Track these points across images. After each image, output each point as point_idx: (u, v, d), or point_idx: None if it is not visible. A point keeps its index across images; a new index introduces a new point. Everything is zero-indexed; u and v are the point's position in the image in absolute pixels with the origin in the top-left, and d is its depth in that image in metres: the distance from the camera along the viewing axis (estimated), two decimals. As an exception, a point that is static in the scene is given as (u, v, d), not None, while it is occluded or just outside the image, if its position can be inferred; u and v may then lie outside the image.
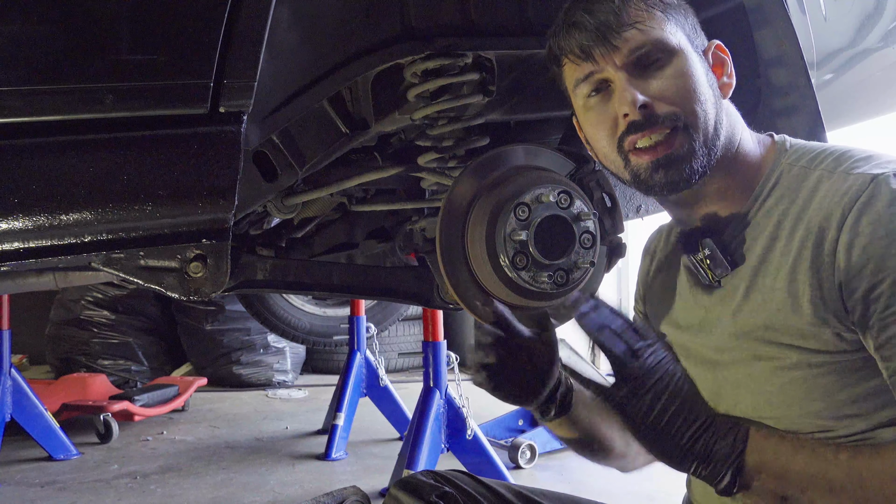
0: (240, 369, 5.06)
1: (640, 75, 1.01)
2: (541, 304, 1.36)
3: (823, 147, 1.05)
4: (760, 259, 1.02)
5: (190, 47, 0.99)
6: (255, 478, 3.10)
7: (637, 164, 1.03)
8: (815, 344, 0.96)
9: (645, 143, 1.01)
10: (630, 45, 1.01)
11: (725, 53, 1.09)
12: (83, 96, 0.95)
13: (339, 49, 1.31)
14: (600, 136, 1.06)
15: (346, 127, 1.52)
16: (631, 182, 1.06)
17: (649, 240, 1.31)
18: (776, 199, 1.03)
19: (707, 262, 1.06)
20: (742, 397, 1.04)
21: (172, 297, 1.06)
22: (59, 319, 5.00)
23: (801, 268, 0.97)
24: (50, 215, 0.94)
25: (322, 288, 1.74)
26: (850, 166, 0.97)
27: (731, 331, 1.05)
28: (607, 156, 1.07)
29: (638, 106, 0.99)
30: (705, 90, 1.02)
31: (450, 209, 1.33)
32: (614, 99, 1.02)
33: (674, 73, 1.01)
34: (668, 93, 1.00)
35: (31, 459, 3.35)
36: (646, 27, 1.01)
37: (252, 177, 1.37)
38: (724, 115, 1.05)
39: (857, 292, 0.91)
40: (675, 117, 1.00)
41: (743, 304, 1.03)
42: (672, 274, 1.20)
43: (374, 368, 3.62)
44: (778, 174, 1.04)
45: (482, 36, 1.39)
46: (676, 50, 1.02)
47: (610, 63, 1.02)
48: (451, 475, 1.26)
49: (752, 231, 1.04)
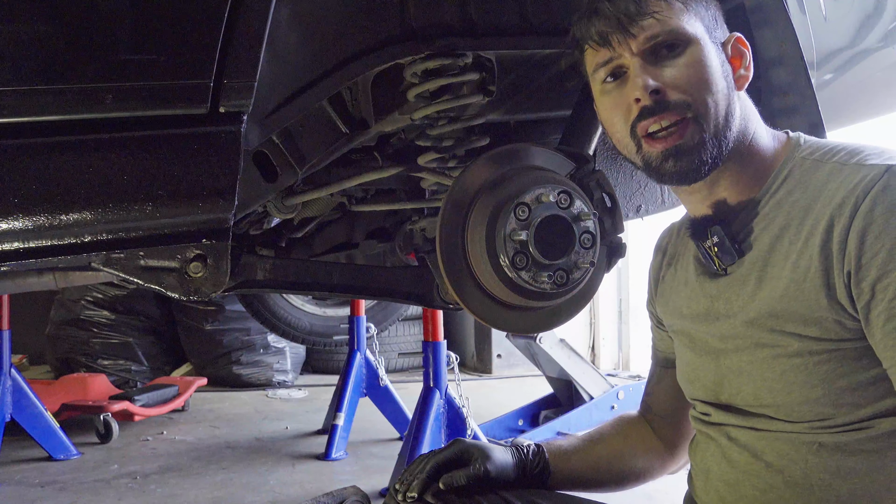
0: (240, 369, 5.06)
1: (655, 62, 1.03)
2: (541, 304, 1.36)
3: (837, 143, 1.06)
4: (769, 249, 1.03)
5: (190, 47, 0.99)
6: (255, 478, 3.10)
7: (649, 152, 1.05)
8: (817, 331, 0.97)
9: (655, 128, 1.03)
10: (646, 34, 1.03)
11: (745, 46, 1.10)
12: (83, 96, 0.95)
13: (339, 49, 1.31)
14: (615, 120, 1.08)
15: (346, 127, 1.52)
16: (643, 168, 1.08)
17: (661, 237, 1.32)
18: (787, 190, 1.04)
19: (715, 250, 1.08)
20: (744, 385, 1.05)
21: (172, 297, 1.06)
22: (59, 319, 5.00)
23: (807, 254, 0.97)
24: (50, 215, 0.95)
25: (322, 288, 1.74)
26: (863, 158, 0.98)
27: (739, 320, 1.05)
28: (621, 140, 1.09)
29: (649, 91, 1.01)
30: (718, 80, 1.03)
31: (450, 209, 1.33)
32: (628, 84, 1.05)
33: (687, 62, 1.03)
34: (681, 80, 1.02)
35: (31, 459, 3.35)
36: (663, 16, 1.03)
37: (252, 177, 1.37)
38: (738, 106, 1.06)
39: (866, 280, 0.92)
40: (685, 105, 1.01)
41: (753, 294, 1.04)
42: (681, 266, 1.22)
43: (374, 368, 3.62)
44: (790, 166, 1.06)
45: (482, 36, 1.39)
46: (692, 39, 1.03)
47: (626, 50, 1.04)
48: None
49: (761, 221, 1.05)
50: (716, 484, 1.10)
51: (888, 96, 2.40)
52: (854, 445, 0.96)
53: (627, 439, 1.32)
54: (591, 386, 3.45)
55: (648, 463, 1.31)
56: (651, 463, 1.31)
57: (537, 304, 1.35)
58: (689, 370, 1.17)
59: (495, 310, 1.36)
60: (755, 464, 1.04)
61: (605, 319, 5.70)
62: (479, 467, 1.16)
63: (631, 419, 1.36)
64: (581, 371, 3.47)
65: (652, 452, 1.31)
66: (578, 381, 3.45)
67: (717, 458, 1.10)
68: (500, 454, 1.20)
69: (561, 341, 3.49)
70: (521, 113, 1.67)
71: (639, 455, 1.30)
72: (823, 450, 0.98)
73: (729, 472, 1.07)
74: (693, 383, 1.16)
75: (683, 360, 1.19)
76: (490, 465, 1.17)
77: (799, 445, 1.00)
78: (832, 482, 0.97)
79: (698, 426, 1.16)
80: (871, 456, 0.96)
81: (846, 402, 0.96)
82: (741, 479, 1.06)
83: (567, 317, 1.44)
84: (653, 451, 1.31)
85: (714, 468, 1.10)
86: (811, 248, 0.97)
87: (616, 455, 1.30)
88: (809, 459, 0.99)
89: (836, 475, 0.97)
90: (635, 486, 1.32)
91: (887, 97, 2.40)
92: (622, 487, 1.31)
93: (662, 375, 1.32)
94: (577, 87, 1.59)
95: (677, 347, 1.22)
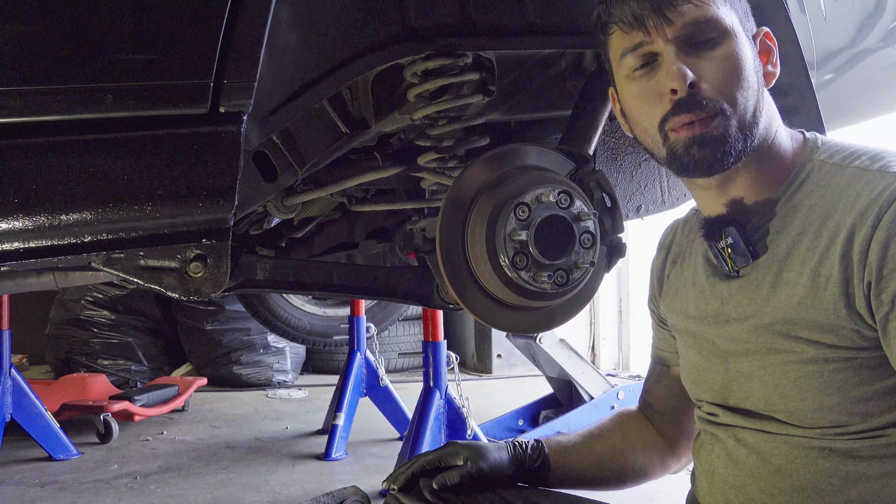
0: (240, 369, 5.06)
1: (691, 52, 0.99)
2: (541, 304, 1.36)
3: (857, 146, 1.04)
4: (786, 253, 1.01)
5: (190, 47, 0.99)
6: (255, 478, 3.10)
7: (675, 140, 1.01)
8: (834, 339, 0.95)
9: (685, 121, 0.99)
10: (685, 20, 0.98)
11: (773, 42, 1.07)
12: (83, 96, 0.95)
13: (339, 49, 1.30)
14: (643, 108, 1.03)
15: (346, 127, 1.52)
16: (666, 158, 1.04)
17: (664, 234, 1.30)
18: (805, 193, 1.02)
19: (728, 251, 1.05)
20: (754, 389, 1.04)
21: (172, 297, 1.06)
22: (59, 319, 5.00)
23: (827, 262, 0.95)
24: (50, 215, 0.94)
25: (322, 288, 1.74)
26: (885, 165, 0.96)
27: (751, 324, 1.03)
28: (647, 129, 1.05)
29: (687, 83, 0.97)
30: (751, 76, 1.00)
31: (450, 209, 1.33)
32: (661, 72, 1.00)
33: (724, 55, 0.99)
34: (716, 75, 0.98)
35: (31, 459, 3.35)
36: (702, 3, 0.99)
37: (252, 177, 1.37)
38: (765, 103, 1.03)
39: (886, 292, 0.90)
40: (717, 103, 0.98)
41: (767, 298, 1.02)
42: (688, 265, 1.20)
43: (374, 368, 3.62)
44: (808, 169, 1.03)
45: (482, 36, 1.39)
46: (729, 31, 1.00)
47: (661, 35, 0.99)
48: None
49: (777, 223, 1.03)
50: (721, 486, 1.08)
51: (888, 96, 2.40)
52: (866, 452, 0.96)
53: (627, 435, 1.31)
54: (591, 386, 3.45)
55: (648, 459, 1.30)
56: (651, 459, 1.30)
57: (537, 303, 1.34)
58: (696, 372, 1.15)
59: (495, 310, 1.36)
60: (763, 467, 1.02)
61: (605, 319, 5.70)
62: (471, 466, 1.16)
63: (630, 415, 1.35)
64: (581, 371, 3.47)
65: (652, 448, 1.30)
66: (578, 381, 3.45)
67: (723, 460, 1.09)
68: (495, 451, 1.20)
69: (561, 341, 3.49)
70: (521, 113, 1.67)
71: (638, 451, 1.29)
72: (834, 455, 0.97)
73: (735, 475, 1.06)
74: (699, 385, 1.15)
75: (689, 361, 1.17)
76: (483, 462, 1.17)
77: (809, 450, 0.98)
78: (842, 487, 0.96)
79: (704, 426, 1.15)
80: (883, 462, 0.95)
81: (861, 411, 0.95)
82: (748, 481, 1.04)
83: (567, 317, 1.44)
84: (653, 448, 1.30)
85: (720, 470, 1.09)
86: (832, 256, 0.95)
87: (616, 450, 1.29)
88: (819, 464, 0.98)
89: (846, 480, 0.96)
90: (637, 483, 1.31)
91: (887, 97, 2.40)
92: (623, 485, 1.30)
93: (662, 374, 1.31)
94: (577, 87, 1.59)
95: (681, 348, 1.20)
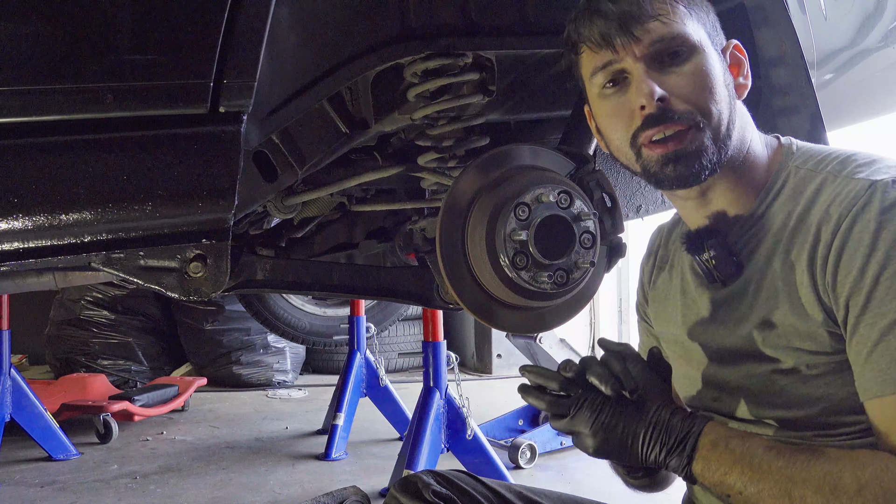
0: (240, 369, 5.06)
1: (659, 68, 1.00)
2: (541, 304, 1.36)
3: (829, 150, 1.04)
4: (766, 262, 1.02)
5: (190, 47, 0.99)
6: (255, 478, 3.10)
7: (648, 158, 1.02)
8: (813, 345, 0.96)
9: (658, 137, 1.00)
10: (651, 37, 0.99)
11: (743, 54, 1.07)
12: (83, 96, 0.95)
13: (339, 49, 1.31)
14: (615, 126, 1.05)
15: (346, 127, 1.52)
16: (641, 174, 1.05)
17: (651, 239, 1.31)
18: (782, 201, 1.03)
19: (713, 263, 1.05)
20: (743, 400, 1.04)
21: (172, 297, 1.06)
22: (59, 319, 5.00)
23: (799, 269, 0.97)
24: (50, 215, 0.94)
25: (322, 288, 1.74)
26: (853, 170, 0.97)
27: (736, 334, 1.04)
28: (620, 147, 1.06)
29: (656, 98, 0.98)
30: (721, 89, 1.01)
31: (450, 209, 1.33)
32: (631, 90, 1.01)
33: (692, 70, 1.00)
34: (686, 89, 0.99)
35: (31, 459, 3.35)
36: (668, 20, 0.99)
37: (252, 177, 1.37)
38: (738, 115, 1.04)
39: (841, 298, 0.92)
40: (690, 115, 0.99)
41: (750, 308, 1.03)
42: (674, 273, 1.20)
43: (374, 368, 3.62)
44: (785, 176, 1.04)
45: (482, 36, 1.39)
46: (697, 46, 1.00)
47: (629, 53, 1.00)
48: (452, 475, 1.25)
49: (757, 232, 1.04)
50: None
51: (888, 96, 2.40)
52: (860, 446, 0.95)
53: None
54: (591, 386, 3.44)
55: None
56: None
57: (537, 303, 1.34)
58: (686, 381, 1.16)
59: (495, 310, 1.36)
60: None
61: (605, 319, 5.70)
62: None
63: None
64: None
65: None
66: (578, 381, 3.44)
67: None
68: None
69: (561, 341, 3.50)
70: (521, 113, 1.67)
71: None
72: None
73: None
74: (688, 394, 1.16)
75: (678, 370, 1.17)
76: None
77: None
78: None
79: None
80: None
81: (848, 412, 0.96)
82: None
83: (567, 316, 1.44)
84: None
85: None
86: (803, 264, 0.96)
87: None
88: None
89: None
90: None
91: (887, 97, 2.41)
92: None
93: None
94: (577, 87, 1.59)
95: (670, 356, 1.20)
